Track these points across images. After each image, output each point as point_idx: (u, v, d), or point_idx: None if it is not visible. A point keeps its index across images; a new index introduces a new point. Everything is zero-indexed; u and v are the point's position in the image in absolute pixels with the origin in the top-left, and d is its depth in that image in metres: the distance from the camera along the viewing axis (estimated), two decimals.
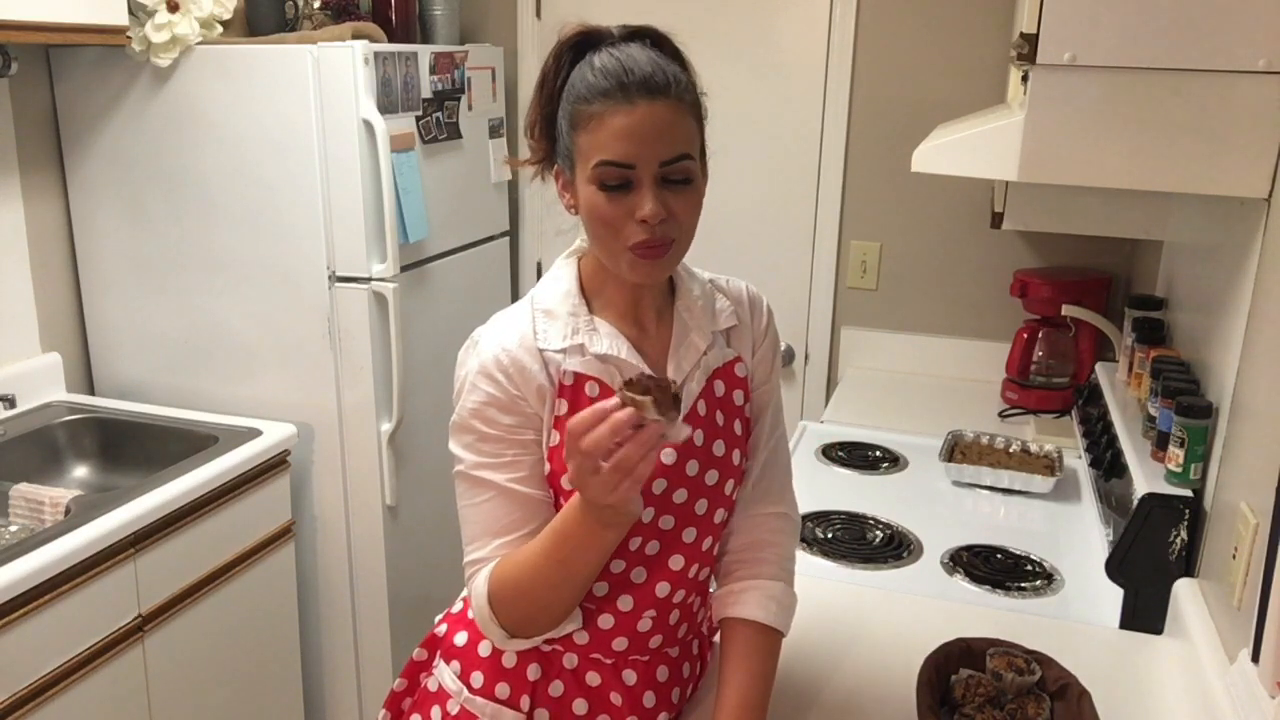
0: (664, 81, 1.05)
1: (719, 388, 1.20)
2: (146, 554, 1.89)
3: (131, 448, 2.26)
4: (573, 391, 1.12)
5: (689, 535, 1.18)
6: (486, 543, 1.13)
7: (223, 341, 2.41)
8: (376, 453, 2.38)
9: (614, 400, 0.96)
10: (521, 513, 1.12)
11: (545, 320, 1.14)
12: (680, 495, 1.16)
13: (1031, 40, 1.41)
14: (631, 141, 1.03)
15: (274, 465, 2.23)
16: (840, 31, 2.70)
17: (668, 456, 1.14)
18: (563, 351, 1.13)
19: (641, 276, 1.10)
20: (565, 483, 1.08)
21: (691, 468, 1.16)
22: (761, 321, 1.26)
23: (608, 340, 1.14)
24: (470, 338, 1.16)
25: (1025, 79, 1.48)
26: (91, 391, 2.52)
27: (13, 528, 1.95)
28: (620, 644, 1.20)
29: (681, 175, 1.06)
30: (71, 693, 1.74)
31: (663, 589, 1.18)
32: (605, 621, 1.18)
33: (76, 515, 1.81)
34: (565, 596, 1.12)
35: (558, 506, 1.13)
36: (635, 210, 1.05)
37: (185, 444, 2.16)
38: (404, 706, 1.31)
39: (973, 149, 1.60)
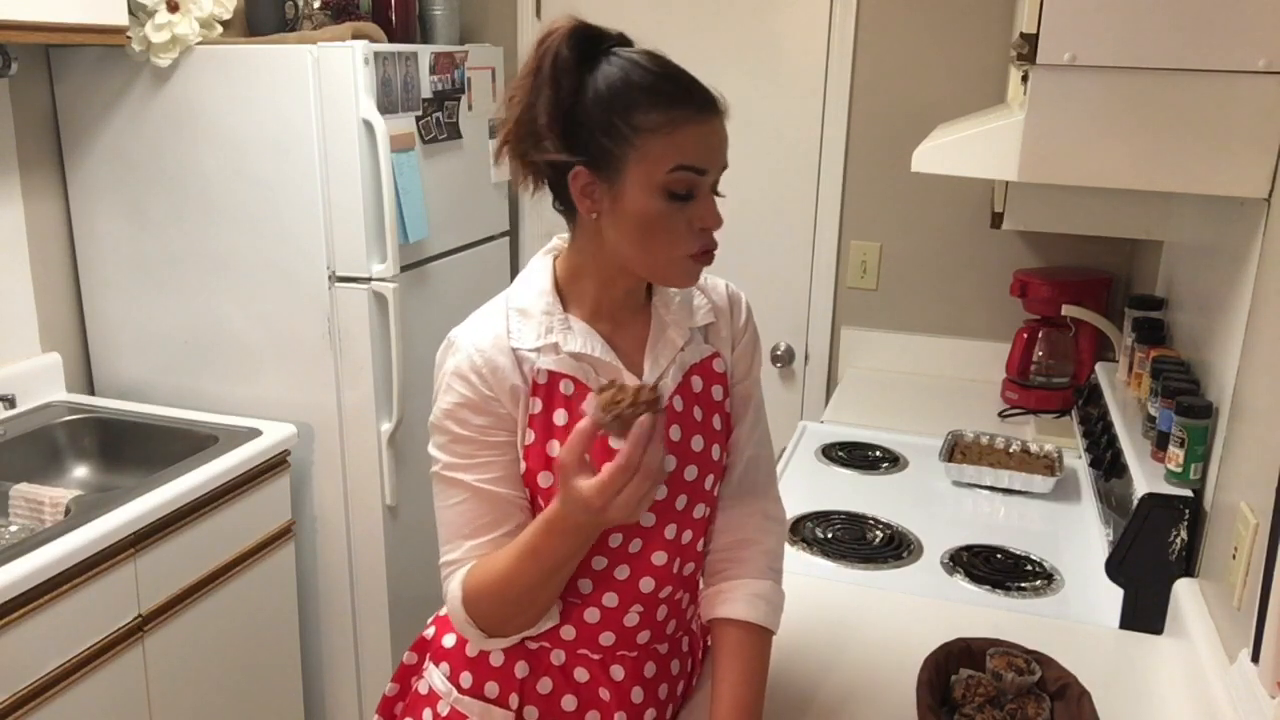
0: (717, 98, 1.11)
1: (696, 383, 1.20)
2: (146, 554, 1.89)
3: (131, 448, 2.26)
4: (547, 390, 1.12)
5: (670, 531, 1.19)
6: (459, 545, 1.14)
7: (223, 341, 2.41)
8: (376, 453, 2.38)
9: (586, 423, 1.00)
10: (494, 515, 1.12)
11: (519, 319, 1.15)
12: (660, 491, 1.16)
13: (1031, 40, 1.41)
14: (709, 150, 1.09)
15: (274, 465, 2.23)
16: (840, 32, 2.70)
17: None
18: (537, 350, 1.13)
19: (690, 282, 1.14)
20: (552, 497, 1.08)
21: (669, 463, 1.16)
22: (740, 318, 1.27)
23: (581, 338, 1.14)
24: (447, 338, 1.16)
25: (1025, 79, 1.48)
26: (91, 391, 2.52)
27: (13, 528, 1.95)
28: (607, 639, 1.20)
29: (718, 181, 1.12)
30: (71, 693, 1.74)
31: (647, 584, 1.19)
32: (591, 616, 1.19)
33: (76, 515, 1.81)
34: (544, 595, 1.12)
35: (535, 506, 1.13)
36: (697, 219, 1.09)
37: (185, 444, 2.16)
38: (396, 711, 1.32)
39: (973, 149, 1.60)
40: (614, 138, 1.05)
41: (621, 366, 1.15)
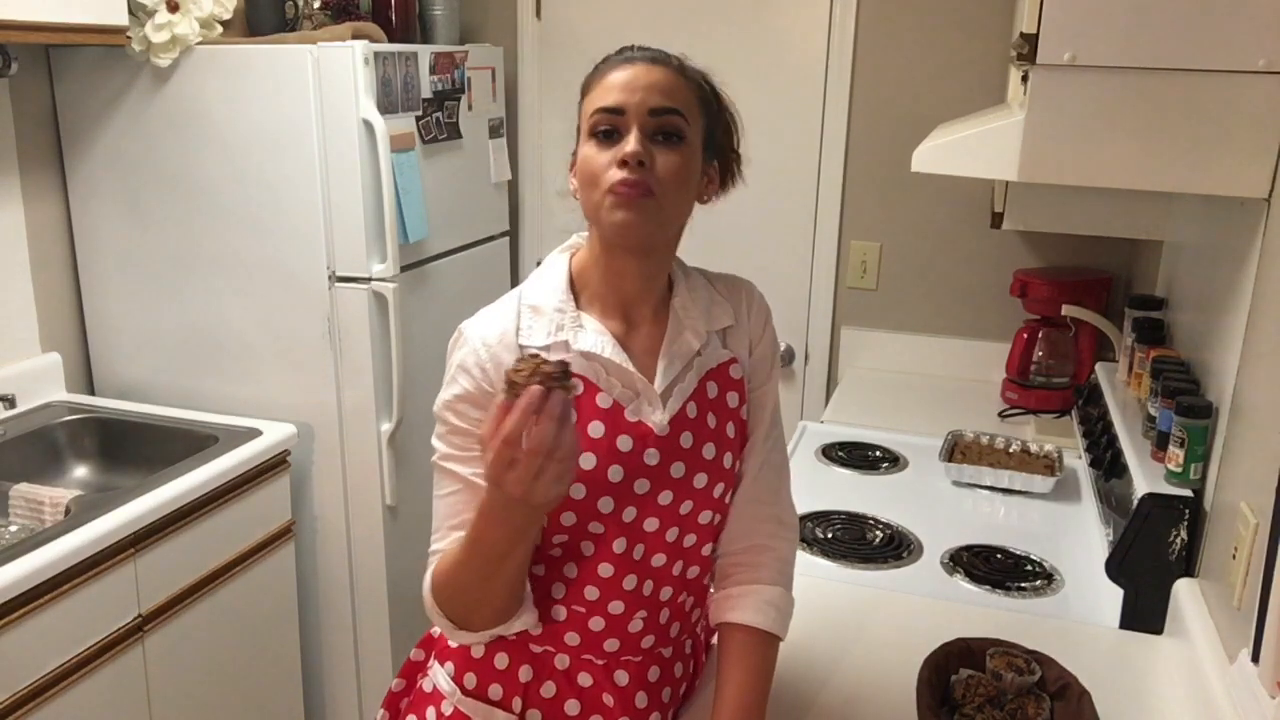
0: (668, 58, 1.11)
1: (712, 389, 1.19)
2: (146, 554, 1.89)
3: (131, 448, 2.26)
4: None
5: (671, 535, 1.18)
6: (446, 535, 1.14)
7: (223, 341, 2.41)
8: (376, 453, 2.38)
9: (501, 398, 0.95)
10: None
11: (531, 316, 1.14)
12: (665, 496, 1.16)
13: (1031, 40, 1.41)
14: (624, 90, 1.08)
15: (274, 465, 2.23)
16: (840, 32, 2.70)
17: (650, 457, 1.13)
18: (546, 348, 1.12)
19: (619, 224, 1.08)
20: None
21: (677, 469, 1.15)
22: (759, 321, 1.25)
23: (593, 337, 1.13)
24: (458, 329, 1.17)
25: (1025, 79, 1.48)
26: (91, 391, 2.52)
27: (13, 528, 1.95)
28: (611, 645, 1.20)
29: (672, 129, 1.09)
30: (71, 693, 1.74)
31: (649, 588, 1.18)
32: (596, 623, 1.18)
33: (76, 515, 1.81)
34: (495, 590, 1.09)
35: None
36: (618, 154, 1.08)
37: (185, 444, 2.16)
38: (401, 706, 1.32)
39: (973, 149, 1.60)
40: (577, 111, 1.15)
41: (632, 368, 1.14)
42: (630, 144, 1.07)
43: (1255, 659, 1.15)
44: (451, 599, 1.12)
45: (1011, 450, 2.16)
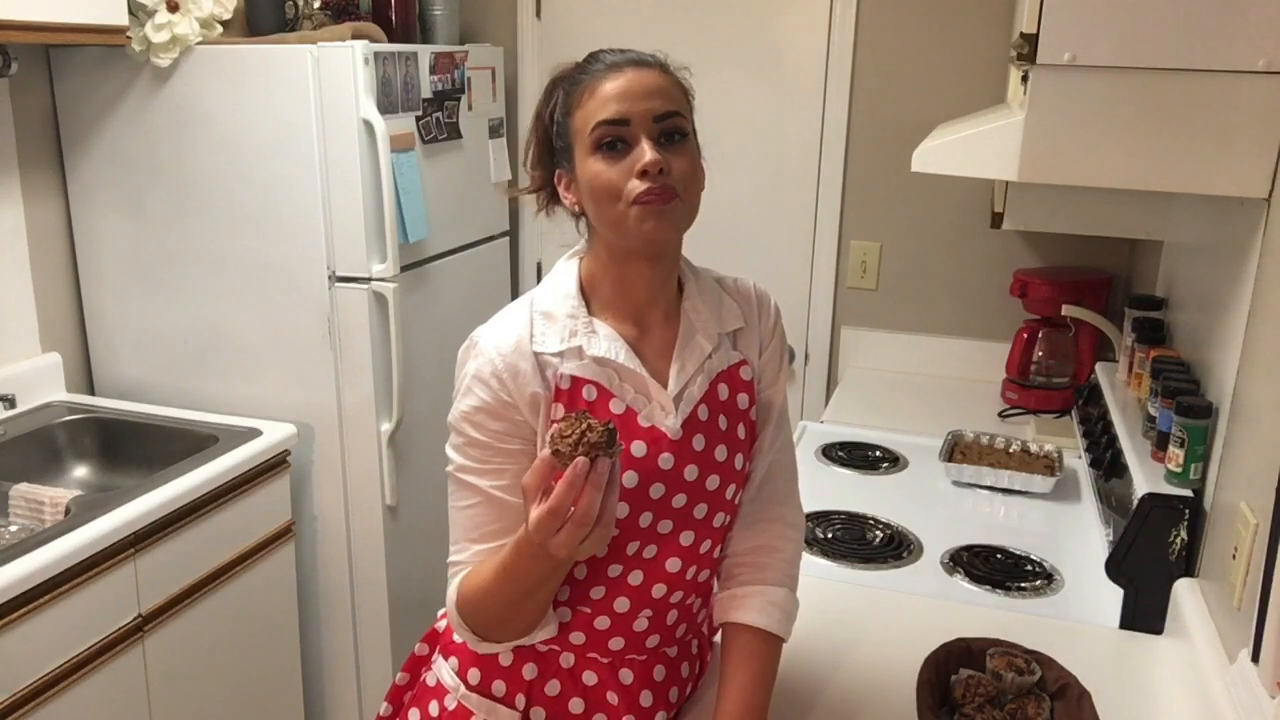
0: (651, 59, 1.12)
1: (723, 391, 1.19)
2: (146, 554, 1.89)
3: (131, 448, 2.26)
4: (570, 396, 1.11)
5: (686, 539, 1.18)
6: (466, 548, 1.14)
7: (223, 341, 2.41)
8: (376, 453, 2.38)
9: (546, 452, 0.96)
10: (502, 523, 1.11)
11: (544, 322, 1.14)
12: (679, 500, 1.16)
13: (1031, 40, 1.41)
14: (623, 100, 1.08)
15: (274, 465, 2.23)
16: (840, 32, 2.70)
17: (665, 461, 1.13)
18: (560, 355, 1.12)
19: (650, 231, 1.08)
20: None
21: (690, 472, 1.15)
22: (769, 321, 1.26)
23: (606, 342, 1.13)
24: (470, 337, 1.16)
25: (1025, 79, 1.49)
26: (91, 391, 2.52)
27: (13, 528, 1.95)
28: (617, 644, 1.20)
29: (676, 130, 1.10)
30: (71, 693, 1.74)
31: (659, 590, 1.18)
32: (601, 623, 1.18)
33: (76, 515, 1.81)
34: (524, 613, 1.12)
35: None
36: (634, 165, 1.07)
37: (185, 444, 2.16)
38: (405, 700, 1.32)
39: (973, 149, 1.60)
40: (563, 133, 1.13)
41: (645, 373, 1.14)
42: (647, 153, 1.06)
43: (1255, 659, 1.15)
44: (479, 617, 1.12)
45: (1011, 450, 2.16)
